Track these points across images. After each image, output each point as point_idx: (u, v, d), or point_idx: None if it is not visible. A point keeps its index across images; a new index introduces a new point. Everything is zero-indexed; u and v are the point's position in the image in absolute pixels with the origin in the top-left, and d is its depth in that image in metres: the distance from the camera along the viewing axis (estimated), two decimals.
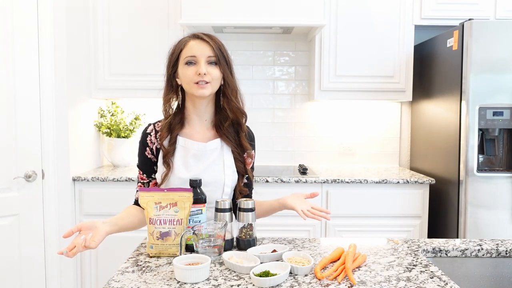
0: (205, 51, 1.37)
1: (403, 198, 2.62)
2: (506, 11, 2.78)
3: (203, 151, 1.43)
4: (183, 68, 1.39)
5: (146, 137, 1.46)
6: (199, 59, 1.37)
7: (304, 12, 2.58)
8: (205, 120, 1.47)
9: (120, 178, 2.56)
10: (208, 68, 1.37)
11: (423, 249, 1.37)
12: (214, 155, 1.44)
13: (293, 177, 2.59)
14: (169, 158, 1.41)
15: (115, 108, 3.02)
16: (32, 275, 2.32)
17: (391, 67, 2.84)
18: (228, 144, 1.46)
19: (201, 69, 1.35)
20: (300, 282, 1.09)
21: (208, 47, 1.38)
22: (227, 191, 1.45)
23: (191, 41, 1.39)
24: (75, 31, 2.61)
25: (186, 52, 1.39)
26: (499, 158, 2.46)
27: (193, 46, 1.38)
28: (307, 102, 3.18)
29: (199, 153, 1.43)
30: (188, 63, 1.38)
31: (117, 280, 1.10)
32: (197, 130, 1.46)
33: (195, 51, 1.37)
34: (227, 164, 1.45)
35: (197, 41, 1.39)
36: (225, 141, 1.46)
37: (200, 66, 1.36)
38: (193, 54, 1.37)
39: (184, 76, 1.39)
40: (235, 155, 1.47)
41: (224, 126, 1.45)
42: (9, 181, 2.21)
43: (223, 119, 1.46)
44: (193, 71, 1.37)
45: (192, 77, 1.37)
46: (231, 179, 1.45)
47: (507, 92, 2.34)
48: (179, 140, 1.43)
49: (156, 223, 1.27)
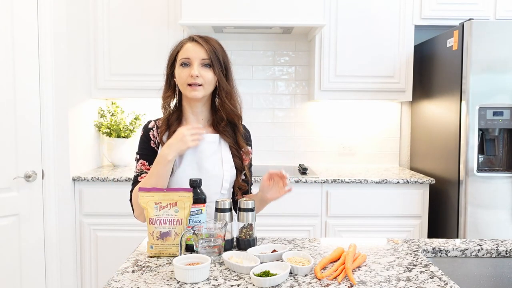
0: (199, 53, 1.41)
1: (403, 198, 2.62)
2: (506, 11, 2.78)
3: (201, 142, 1.43)
4: (178, 69, 1.44)
5: (148, 132, 1.49)
6: (193, 61, 1.41)
7: (304, 12, 2.58)
8: (201, 119, 1.50)
9: (120, 178, 2.56)
10: (201, 71, 1.41)
11: (423, 249, 1.37)
12: (212, 149, 1.46)
13: (293, 177, 2.59)
14: None
15: (115, 108, 3.02)
16: (32, 275, 2.32)
17: (391, 67, 2.84)
18: (226, 140, 1.49)
19: (193, 71, 1.39)
20: (300, 282, 1.09)
21: (202, 50, 1.41)
22: (225, 186, 1.47)
23: (188, 43, 1.44)
24: (75, 31, 2.61)
25: (181, 54, 1.43)
26: (499, 158, 2.46)
27: (188, 48, 1.42)
28: (307, 102, 3.18)
29: (198, 146, 1.42)
30: (183, 64, 1.43)
31: (117, 280, 1.10)
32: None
33: (190, 53, 1.42)
34: (225, 159, 1.47)
35: (193, 44, 1.43)
36: (223, 138, 1.49)
37: (193, 68, 1.40)
38: (187, 56, 1.42)
39: (179, 77, 1.43)
40: (232, 151, 1.50)
41: (221, 125, 1.49)
42: (9, 181, 2.21)
43: (220, 119, 1.49)
44: (186, 72, 1.41)
45: (185, 79, 1.41)
46: (230, 174, 1.47)
47: (507, 92, 2.34)
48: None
49: (156, 223, 1.27)
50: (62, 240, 2.47)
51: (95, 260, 2.63)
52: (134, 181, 1.47)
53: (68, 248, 2.53)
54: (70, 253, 2.54)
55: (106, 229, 2.60)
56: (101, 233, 2.61)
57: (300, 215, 2.61)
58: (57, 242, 2.42)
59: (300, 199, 2.59)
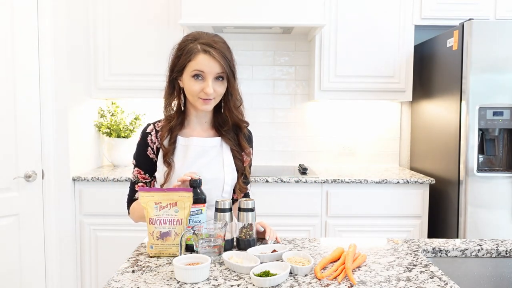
0: (214, 68, 1.34)
1: (403, 198, 2.62)
2: (506, 11, 2.78)
3: (203, 147, 1.44)
4: (189, 80, 1.36)
5: (146, 137, 1.47)
6: (207, 76, 1.35)
7: (304, 12, 2.58)
8: (204, 122, 1.49)
9: (120, 178, 2.56)
10: (215, 85, 1.36)
11: (423, 249, 1.37)
12: (213, 153, 1.46)
13: (293, 177, 2.59)
14: (169, 157, 1.42)
15: (115, 108, 3.02)
16: (32, 275, 2.32)
17: (391, 67, 2.84)
18: (227, 143, 1.48)
19: (208, 89, 1.34)
20: (300, 282, 1.09)
21: (217, 64, 1.34)
22: (227, 189, 1.46)
23: (201, 55, 1.34)
24: (75, 31, 2.61)
25: (194, 65, 1.34)
26: (499, 158, 2.46)
27: (203, 61, 1.34)
28: (307, 102, 3.18)
29: (199, 149, 1.43)
30: (195, 76, 1.36)
31: (117, 280, 1.10)
32: (197, 130, 1.48)
33: (204, 67, 1.34)
34: (226, 162, 1.46)
35: (207, 57, 1.34)
36: (225, 140, 1.48)
37: (208, 85, 1.34)
38: (201, 69, 1.34)
39: (190, 88, 1.37)
40: (234, 154, 1.49)
41: (224, 128, 1.47)
42: (9, 181, 2.21)
43: (222, 121, 1.48)
44: (199, 86, 1.35)
45: (197, 92, 1.36)
46: (231, 177, 1.47)
47: (507, 92, 2.34)
48: (179, 140, 1.44)
49: (156, 223, 1.27)
50: (62, 240, 2.47)
51: (95, 260, 2.62)
52: (131, 187, 1.49)
53: (68, 248, 2.53)
54: (70, 253, 2.54)
55: (106, 229, 2.60)
56: (101, 233, 2.61)
57: (300, 215, 2.61)
58: (57, 242, 2.42)
59: (300, 199, 2.59)
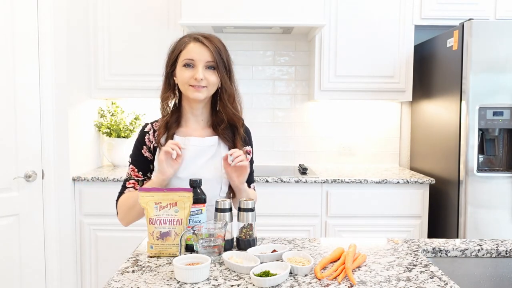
0: (204, 55, 1.37)
1: (403, 198, 2.62)
2: (506, 11, 2.78)
3: (200, 147, 1.43)
4: (181, 69, 1.39)
5: (144, 136, 1.47)
6: (197, 63, 1.37)
7: (304, 12, 2.58)
8: (201, 120, 1.48)
9: (120, 178, 2.56)
10: (206, 73, 1.37)
11: (423, 249, 1.37)
12: (211, 152, 1.45)
13: (293, 177, 2.59)
14: None
15: (115, 108, 3.02)
16: (32, 275, 2.32)
17: (391, 67, 2.84)
18: (225, 143, 1.48)
19: (198, 75, 1.36)
20: (300, 282, 1.09)
21: (207, 51, 1.37)
22: (224, 189, 1.46)
23: (191, 44, 1.38)
24: (75, 31, 2.61)
25: (185, 54, 1.38)
26: (499, 158, 2.46)
27: (193, 49, 1.37)
28: (307, 102, 3.18)
29: (197, 149, 1.43)
30: (186, 65, 1.38)
31: (117, 280, 1.10)
32: (193, 128, 1.47)
33: (194, 55, 1.37)
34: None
35: (197, 44, 1.38)
36: (222, 140, 1.47)
37: (198, 71, 1.36)
38: (191, 57, 1.37)
39: (181, 77, 1.39)
40: None
41: (221, 127, 1.46)
42: (9, 181, 2.21)
43: (220, 120, 1.47)
44: (190, 74, 1.37)
45: (188, 80, 1.37)
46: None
47: (507, 92, 2.34)
48: (176, 139, 1.44)
49: (156, 223, 1.27)
50: (62, 240, 2.47)
51: (95, 260, 2.62)
52: (123, 184, 1.48)
53: (68, 248, 2.53)
54: (70, 253, 2.54)
55: (106, 229, 2.59)
56: (101, 233, 2.61)
57: (300, 215, 2.61)
58: (57, 242, 2.42)
59: (300, 199, 2.59)
